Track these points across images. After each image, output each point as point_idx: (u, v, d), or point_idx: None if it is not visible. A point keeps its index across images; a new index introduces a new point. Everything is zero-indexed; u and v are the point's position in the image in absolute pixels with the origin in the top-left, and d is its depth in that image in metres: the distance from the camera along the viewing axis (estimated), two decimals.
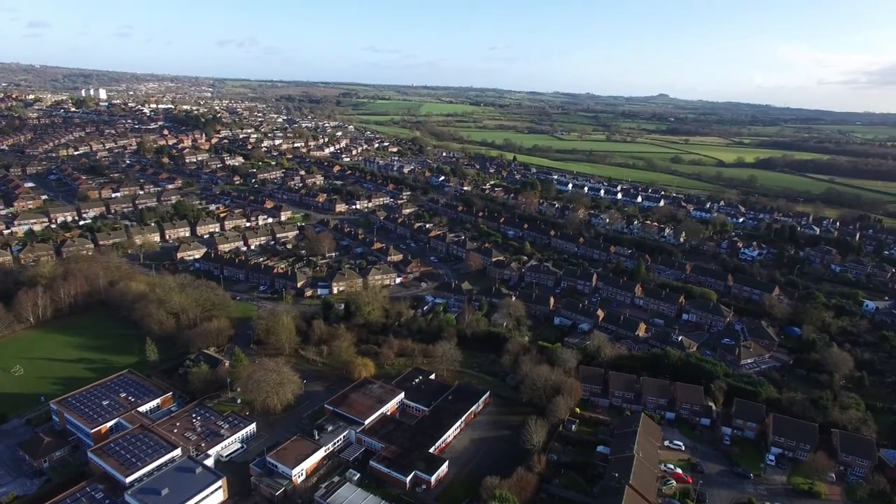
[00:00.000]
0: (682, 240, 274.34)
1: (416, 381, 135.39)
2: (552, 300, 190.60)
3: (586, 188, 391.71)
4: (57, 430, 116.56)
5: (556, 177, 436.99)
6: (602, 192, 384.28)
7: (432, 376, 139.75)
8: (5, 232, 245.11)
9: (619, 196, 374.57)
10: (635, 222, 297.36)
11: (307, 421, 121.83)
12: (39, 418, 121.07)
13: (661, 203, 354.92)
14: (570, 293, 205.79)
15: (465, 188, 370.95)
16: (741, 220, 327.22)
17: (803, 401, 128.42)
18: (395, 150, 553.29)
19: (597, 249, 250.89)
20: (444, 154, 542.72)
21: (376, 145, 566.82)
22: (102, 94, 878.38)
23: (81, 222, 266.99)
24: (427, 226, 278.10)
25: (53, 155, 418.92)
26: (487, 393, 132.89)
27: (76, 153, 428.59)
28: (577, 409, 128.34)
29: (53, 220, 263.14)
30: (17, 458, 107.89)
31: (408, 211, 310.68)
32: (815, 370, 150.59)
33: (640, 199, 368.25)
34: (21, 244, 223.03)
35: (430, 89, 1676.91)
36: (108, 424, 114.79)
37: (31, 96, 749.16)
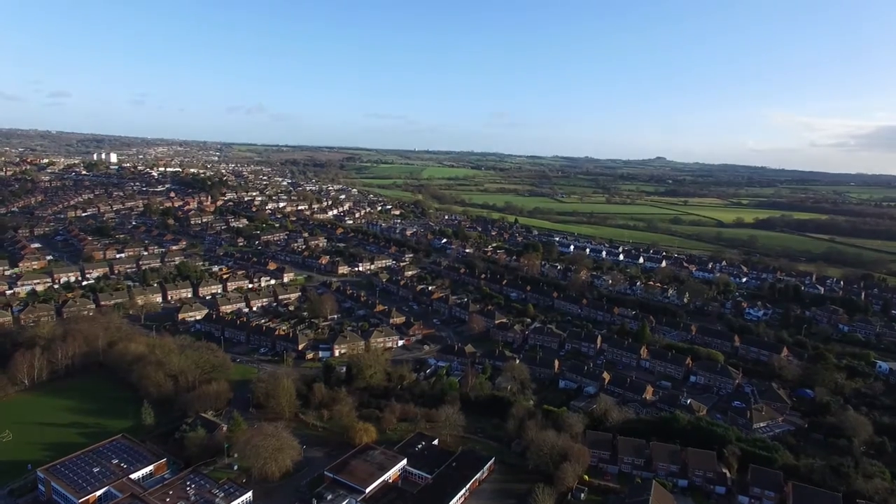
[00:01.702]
0: (685, 300, 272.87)
1: (419, 447, 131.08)
2: (557, 363, 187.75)
3: (588, 250, 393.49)
4: (42, 501, 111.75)
5: (557, 238, 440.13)
6: (604, 253, 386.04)
7: (435, 442, 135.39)
8: (8, 292, 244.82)
9: (621, 257, 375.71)
10: (638, 283, 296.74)
11: (306, 489, 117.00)
12: (24, 488, 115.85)
13: (663, 264, 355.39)
14: (574, 355, 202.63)
15: (467, 250, 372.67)
16: (744, 279, 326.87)
17: (823, 468, 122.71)
18: (397, 212, 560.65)
19: (600, 311, 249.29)
20: (447, 217, 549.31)
21: (379, 208, 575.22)
22: (113, 157, 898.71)
23: (84, 282, 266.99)
24: (429, 288, 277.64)
25: (62, 216, 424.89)
26: (492, 459, 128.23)
27: (84, 214, 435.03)
28: (586, 477, 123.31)
29: (57, 281, 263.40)
30: None
31: (410, 273, 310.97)
32: (833, 435, 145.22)
33: (641, 259, 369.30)
34: (22, 304, 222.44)
35: (433, 154, 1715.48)
36: (97, 493, 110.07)
37: (45, 160, 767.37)
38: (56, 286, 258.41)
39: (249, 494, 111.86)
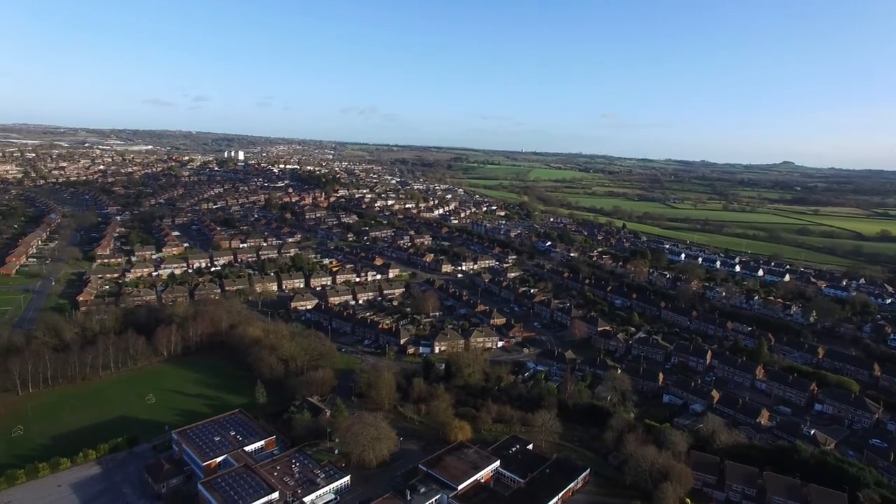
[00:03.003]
0: (811, 319, 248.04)
1: (513, 449, 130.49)
2: (661, 376, 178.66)
3: (700, 259, 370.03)
4: (175, 459, 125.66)
5: (667, 246, 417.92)
6: (718, 263, 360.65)
7: (530, 446, 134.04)
8: (153, 274, 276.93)
9: (737, 268, 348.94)
10: (756, 297, 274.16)
11: (400, 479, 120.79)
12: (162, 445, 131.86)
13: (787, 277, 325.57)
14: (680, 370, 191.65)
15: (571, 254, 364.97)
16: (888, 300, 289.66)
17: None
18: (502, 213, 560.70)
19: (711, 324, 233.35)
20: (552, 219, 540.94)
21: (484, 209, 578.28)
22: (241, 155, 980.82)
23: (213, 269, 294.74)
24: (532, 290, 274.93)
25: (197, 208, 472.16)
26: (587, 470, 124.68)
27: (214, 207, 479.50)
28: (688, 500, 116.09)
29: (191, 266, 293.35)
30: (142, 480, 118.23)
31: (513, 275, 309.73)
32: None
33: (761, 272, 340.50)
34: (164, 285, 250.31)
35: (539, 155, 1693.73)
36: (218, 460, 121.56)
37: (186, 158, 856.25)
38: (190, 271, 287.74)
39: (347, 479, 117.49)
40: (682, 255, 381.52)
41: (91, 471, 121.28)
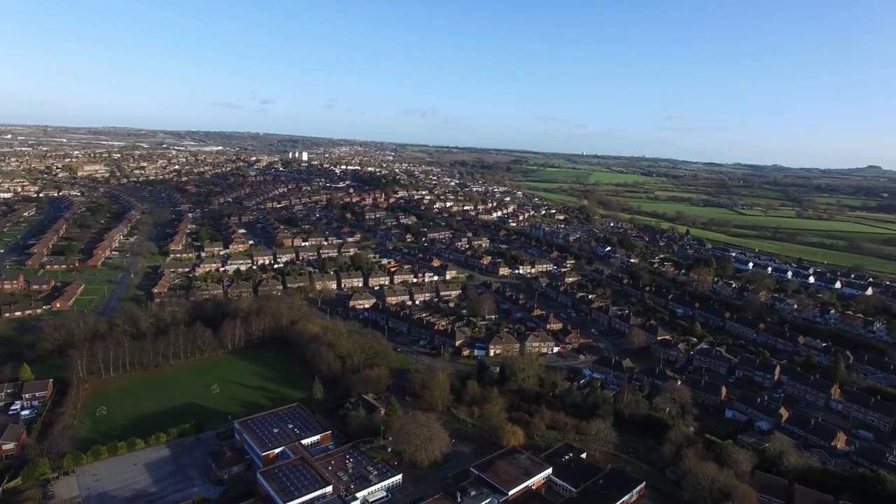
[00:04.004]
0: None
1: (566, 457, 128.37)
2: (724, 390, 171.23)
3: (770, 268, 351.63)
4: (237, 447, 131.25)
5: (734, 254, 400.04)
6: (789, 273, 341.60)
7: (583, 455, 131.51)
8: (221, 269, 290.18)
9: (811, 280, 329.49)
10: (832, 311, 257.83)
11: (451, 481, 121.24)
12: (225, 434, 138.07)
13: (869, 291, 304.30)
14: (745, 384, 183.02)
15: (631, 260, 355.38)
16: None
17: None
18: (561, 217, 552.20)
19: (781, 338, 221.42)
20: (612, 224, 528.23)
21: (543, 212, 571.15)
22: (304, 156, 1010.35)
23: (276, 266, 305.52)
24: (589, 296, 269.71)
25: (262, 207, 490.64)
26: (643, 483, 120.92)
27: (279, 206, 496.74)
28: None
29: (255, 262, 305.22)
30: (206, 465, 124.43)
31: (571, 279, 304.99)
32: None
33: (838, 284, 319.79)
34: (230, 281, 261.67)
35: (601, 158, 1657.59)
36: (276, 451, 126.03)
37: (253, 158, 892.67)
38: (254, 267, 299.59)
39: (399, 477, 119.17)
40: (750, 264, 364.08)
41: (161, 453, 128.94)
